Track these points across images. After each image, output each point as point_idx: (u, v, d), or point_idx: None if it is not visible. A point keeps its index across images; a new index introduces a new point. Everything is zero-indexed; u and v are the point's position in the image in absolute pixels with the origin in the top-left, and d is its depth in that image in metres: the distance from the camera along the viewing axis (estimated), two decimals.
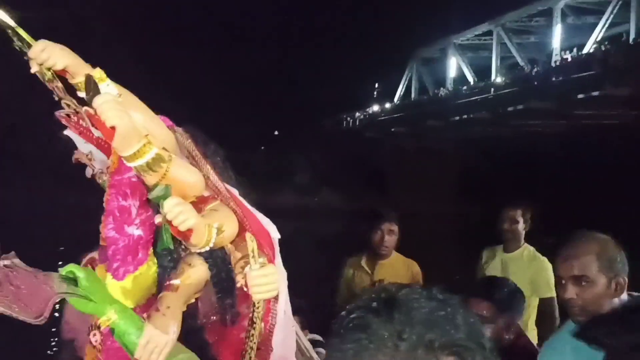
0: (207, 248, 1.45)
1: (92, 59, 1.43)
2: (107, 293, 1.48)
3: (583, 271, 1.88)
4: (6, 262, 1.36)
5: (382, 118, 41.39)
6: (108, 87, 1.41)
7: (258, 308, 1.54)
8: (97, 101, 1.35)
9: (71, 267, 1.42)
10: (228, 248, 1.58)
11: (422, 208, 24.38)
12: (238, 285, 1.55)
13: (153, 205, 1.47)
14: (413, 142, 34.50)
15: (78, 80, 1.43)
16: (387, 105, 42.05)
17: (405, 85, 40.61)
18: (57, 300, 1.36)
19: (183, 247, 1.53)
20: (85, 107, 1.44)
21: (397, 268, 3.68)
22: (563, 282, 1.92)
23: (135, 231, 1.53)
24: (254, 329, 1.54)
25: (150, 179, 1.42)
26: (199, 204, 1.52)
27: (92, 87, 1.38)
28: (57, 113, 1.46)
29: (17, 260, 1.36)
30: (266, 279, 1.52)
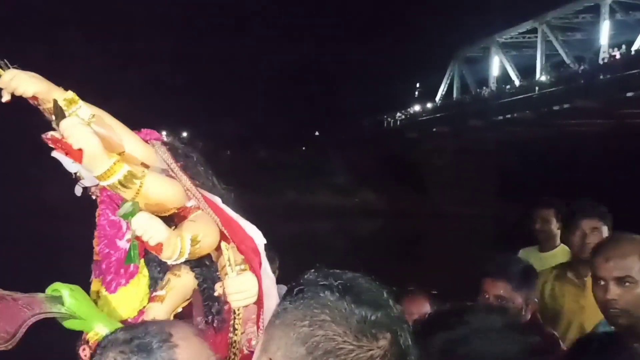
0: (182, 259, 1.48)
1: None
2: (94, 308, 1.53)
3: (627, 272, 1.84)
4: None
5: (424, 118, 41.05)
6: (81, 110, 1.46)
7: (238, 315, 1.56)
8: (62, 125, 1.42)
9: (56, 285, 1.48)
10: (214, 256, 1.61)
11: (462, 209, 24.09)
12: (216, 293, 1.59)
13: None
14: (455, 142, 34.10)
15: (47, 106, 1.48)
16: (429, 105, 41.69)
17: (447, 85, 40.20)
18: (39, 320, 1.41)
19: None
20: (51, 132, 1.48)
21: None
22: (603, 282, 1.88)
23: (126, 245, 1.57)
24: (235, 335, 1.56)
25: (125, 195, 1.46)
26: (180, 215, 1.57)
27: (58, 111, 1.43)
28: (43, 135, 1.50)
29: None
30: (244, 286, 1.54)
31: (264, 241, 1.65)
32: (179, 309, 1.62)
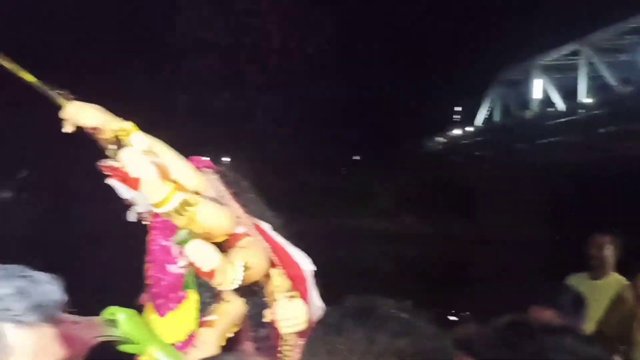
0: (235, 286, 1.51)
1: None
2: (148, 332, 1.58)
3: None
4: None
5: (465, 142, 40.68)
6: (138, 139, 1.52)
7: (287, 341, 1.58)
8: (121, 154, 1.48)
9: (112, 309, 1.53)
10: (263, 283, 1.63)
11: (507, 233, 23.65)
12: (265, 319, 1.61)
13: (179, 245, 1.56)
14: (497, 166, 33.67)
15: (105, 136, 1.54)
16: (470, 128, 41.30)
17: (488, 108, 39.81)
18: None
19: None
20: (107, 160, 1.55)
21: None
22: None
23: (177, 270, 1.62)
24: None
25: (178, 222, 1.51)
26: (231, 241, 1.60)
27: (117, 141, 1.50)
28: (99, 163, 1.56)
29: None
30: (292, 313, 1.56)
31: (312, 268, 1.68)
32: (230, 335, 1.65)
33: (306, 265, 1.68)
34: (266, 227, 1.68)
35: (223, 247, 1.60)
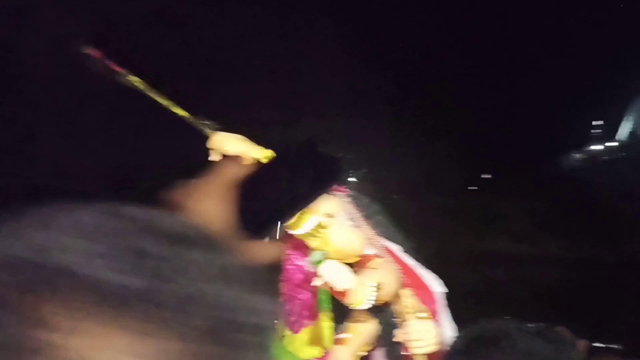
0: (367, 306, 1.57)
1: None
2: (283, 352, 1.67)
3: None
4: None
5: (606, 158, 38.21)
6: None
7: None
8: None
9: None
10: (393, 303, 1.67)
11: None
12: (395, 339, 1.64)
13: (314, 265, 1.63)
14: None
15: (246, 162, 1.67)
16: (612, 143, 38.78)
17: (632, 121, 37.17)
18: None
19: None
20: None
21: None
22: None
23: (310, 288, 1.69)
24: None
25: (312, 243, 1.59)
26: (362, 262, 1.66)
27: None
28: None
29: None
30: (425, 334, 1.58)
31: (443, 290, 1.70)
32: (363, 353, 1.70)
33: (436, 287, 1.71)
34: (396, 249, 1.72)
35: (354, 268, 1.66)
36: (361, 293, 1.55)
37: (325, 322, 1.71)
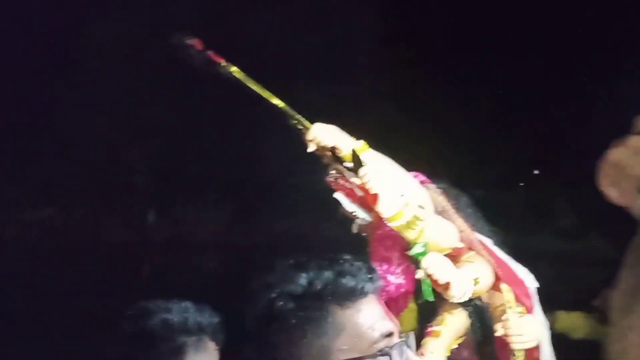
0: (465, 298, 1.58)
1: None
2: None
3: None
4: None
5: None
6: (371, 157, 1.64)
7: (518, 358, 1.62)
8: (361, 173, 1.60)
9: None
10: (484, 297, 1.69)
11: None
12: (497, 334, 1.65)
13: (412, 257, 1.65)
14: None
15: (344, 154, 1.67)
16: None
17: None
18: None
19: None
20: (354, 178, 1.67)
21: None
22: None
23: (397, 280, 1.71)
24: None
25: (408, 235, 1.60)
26: (454, 256, 1.66)
27: (357, 160, 1.62)
28: (326, 178, 1.71)
29: None
30: (525, 329, 1.60)
31: (536, 284, 1.71)
32: (454, 346, 1.72)
33: (530, 281, 1.71)
34: (488, 242, 1.73)
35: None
36: (461, 286, 1.56)
37: (410, 314, 1.74)
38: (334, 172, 1.75)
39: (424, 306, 1.72)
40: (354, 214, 1.76)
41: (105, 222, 3.55)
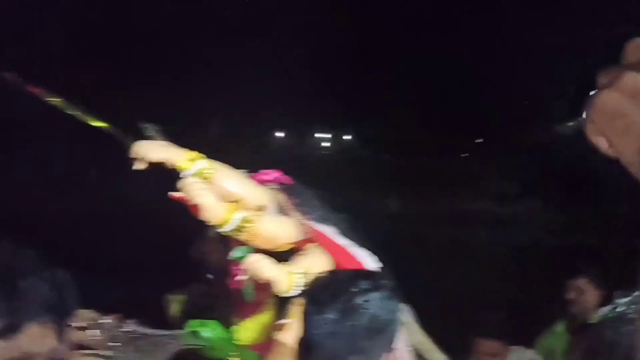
0: (295, 292, 1.64)
1: None
2: (229, 341, 1.85)
3: None
4: (129, 328, 1.82)
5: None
6: (193, 165, 1.63)
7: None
8: (179, 185, 1.60)
9: (194, 323, 1.83)
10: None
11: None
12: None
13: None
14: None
15: (178, 165, 1.65)
16: None
17: None
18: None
19: None
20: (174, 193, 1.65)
21: None
22: None
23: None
24: None
25: (241, 237, 1.64)
26: (297, 249, 1.74)
27: (180, 172, 1.63)
28: (170, 194, 1.65)
29: (138, 327, 1.82)
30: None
31: (377, 266, 1.77)
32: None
33: (370, 264, 1.77)
34: (329, 231, 1.77)
35: (290, 255, 1.74)
36: (288, 281, 1.61)
37: (269, 310, 1.82)
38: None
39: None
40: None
41: None
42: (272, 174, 1.85)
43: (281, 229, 1.72)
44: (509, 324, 3.75)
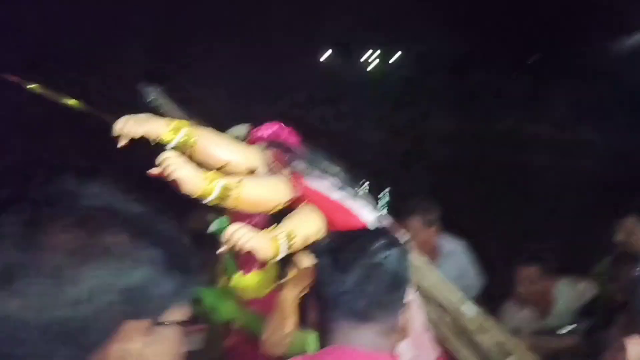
0: (281, 255, 1.58)
1: None
2: (228, 303, 2.04)
3: None
4: None
5: None
6: (182, 135, 1.57)
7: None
8: (157, 160, 1.50)
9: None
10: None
11: None
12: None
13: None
14: None
15: (162, 139, 1.58)
16: None
17: None
18: None
19: None
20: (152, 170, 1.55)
21: None
22: None
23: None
24: None
25: (226, 205, 1.56)
26: (291, 207, 1.68)
27: (158, 145, 1.56)
28: (148, 172, 1.56)
29: None
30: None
31: (374, 216, 1.71)
32: (307, 291, 1.79)
33: (367, 215, 1.70)
34: (323, 186, 1.70)
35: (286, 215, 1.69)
36: (271, 247, 1.55)
37: (272, 268, 1.86)
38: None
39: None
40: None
41: None
42: (272, 127, 1.79)
43: (266, 191, 1.65)
44: (555, 252, 3.66)
